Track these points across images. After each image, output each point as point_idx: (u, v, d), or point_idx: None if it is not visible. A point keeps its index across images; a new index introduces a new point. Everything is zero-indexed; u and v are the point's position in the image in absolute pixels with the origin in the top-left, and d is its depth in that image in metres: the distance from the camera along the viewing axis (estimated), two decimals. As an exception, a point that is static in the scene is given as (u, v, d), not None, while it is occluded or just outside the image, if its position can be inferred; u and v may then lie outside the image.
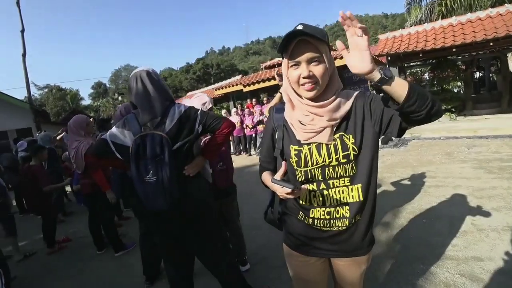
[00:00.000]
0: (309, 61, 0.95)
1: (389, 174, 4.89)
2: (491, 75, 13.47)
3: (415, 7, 11.17)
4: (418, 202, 3.56)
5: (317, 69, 0.96)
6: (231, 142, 8.99)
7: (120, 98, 34.37)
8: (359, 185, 1.03)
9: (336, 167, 1.02)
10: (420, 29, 9.13)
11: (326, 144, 1.01)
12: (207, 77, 49.56)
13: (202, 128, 1.64)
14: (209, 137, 1.93)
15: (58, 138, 5.40)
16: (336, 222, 1.06)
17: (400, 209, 3.42)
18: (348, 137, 1.01)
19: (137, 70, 1.63)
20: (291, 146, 1.08)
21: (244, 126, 8.97)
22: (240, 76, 17.20)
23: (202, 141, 1.97)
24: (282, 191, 0.95)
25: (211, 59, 68.91)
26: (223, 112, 9.99)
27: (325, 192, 1.05)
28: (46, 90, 37.18)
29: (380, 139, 1.04)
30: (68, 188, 6.91)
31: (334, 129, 1.02)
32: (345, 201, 1.05)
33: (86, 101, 47.67)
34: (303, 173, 1.06)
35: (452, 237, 2.64)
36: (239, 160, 8.46)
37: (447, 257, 2.37)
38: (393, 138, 7.97)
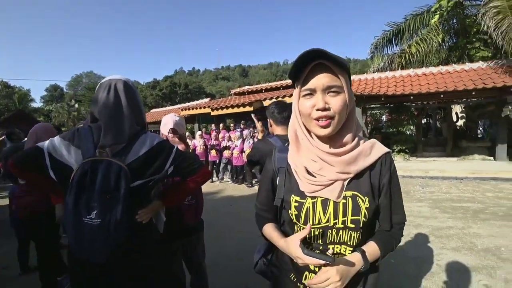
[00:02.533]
0: (326, 90, 0.79)
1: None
2: (437, 122, 15.14)
3: (377, 56, 12.47)
4: (385, 240, 3.62)
5: (335, 101, 0.79)
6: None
7: (77, 105, 31.88)
8: None
9: (341, 231, 0.85)
10: (383, 75, 10.08)
11: (334, 201, 0.85)
12: (174, 95, 48.72)
13: (174, 170, 1.32)
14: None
15: None
16: None
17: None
18: (363, 199, 0.84)
19: (112, 77, 1.29)
20: (292, 196, 0.90)
21: (209, 148, 8.74)
22: (208, 99, 17.21)
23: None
24: (313, 262, 0.78)
25: (179, 78, 68.32)
26: (187, 134, 9.69)
27: None
28: (-9, 85, 33.18)
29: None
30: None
31: (346, 184, 0.86)
32: None
33: (37, 104, 43.55)
34: (301, 230, 0.89)
35: (421, 279, 2.67)
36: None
37: (419, 300, 2.37)
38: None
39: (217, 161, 8.75)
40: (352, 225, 0.84)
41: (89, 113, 1.32)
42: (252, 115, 3.31)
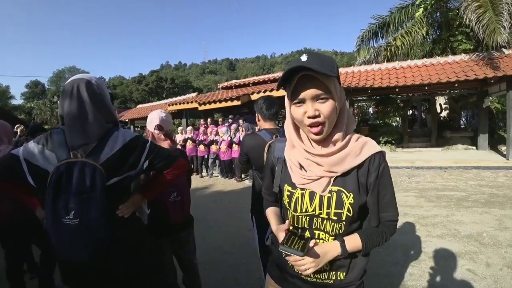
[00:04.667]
0: (315, 98, 0.84)
1: (344, 200, 5.09)
2: (422, 113, 15.52)
3: (364, 49, 12.54)
4: (373, 230, 3.70)
5: (324, 107, 0.84)
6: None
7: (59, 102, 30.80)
8: None
9: (325, 221, 0.94)
10: (369, 68, 10.19)
11: (320, 194, 0.92)
12: (160, 90, 47.93)
13: (149, 164, 1.32)
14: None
15: None
16: (315, 274, 0.98)
17: (358, 236, 3.51)
18: (348, 195, 0.90)
19: (75, 78, 1.26)
20: (286, 185, 1.00)
21: (197, 143, 8.65)
22: (195, 93, 16.95)
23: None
24: (288, 252, 0.87)
25: (165, 72, 67.17)
26: (179, 129, 9.56)
27: None
28: (-34, 82, 31.72)
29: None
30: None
31: (333, 180, 0.92)
32: None
33: (17, 101, 41.85)
34: (291, 216, 1.00)
35: (408, 266, 2.75)
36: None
37: (407, 287, 2.44)
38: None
39: (206, 156, 8.69)
40: (335, 218, 0.91)
41: (58, 115, 1.31)
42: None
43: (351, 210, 0.90)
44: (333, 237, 0.94)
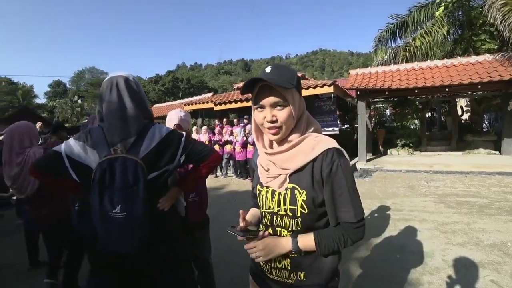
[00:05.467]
0: (273, 105, 0.94)
1: (359, 204, 4.99)
2: (442, 116, 15.01)
3: (381, 49, 12.25)
4: (389, 236, 3.61)
5: (281, 114, 0.94)
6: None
7: (80, 101, 32.01)
8: None
9: (284, 217, 0.99)
10: (387, 69, 9.94)
11: (278, 191, 0.99)
12: (176, 90, 48.71)
13: (186, 158, 1.36)
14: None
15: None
16: (277, 272, 1.03)
17: (372, 243, 3.44)
18: (301, 192, 0.94)
19: (113, 75, 1.32)
20: (258, 185, 1.10)
21: (212, 143, 8.72)
22: (210, 94, 17.15)
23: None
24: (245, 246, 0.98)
25: (181, 73, 68.26)
26: (194, 128, 9.69)
27: None
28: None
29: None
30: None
31: (289, 177, 0.98)
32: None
33: (41, 100, 43.61)
34: (261, 213, 1.10)
35: (426, 274, 2.66)
36: (206, 180, 8.15)
37: (425, 296, 2.36)
38: (358, 169, 8.32)
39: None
40: (290, 214, 0.97)
41: (97, 112, 1.35)
42: None
43: (305, 207, 0.94)
44: (290, 233, 0.99)
